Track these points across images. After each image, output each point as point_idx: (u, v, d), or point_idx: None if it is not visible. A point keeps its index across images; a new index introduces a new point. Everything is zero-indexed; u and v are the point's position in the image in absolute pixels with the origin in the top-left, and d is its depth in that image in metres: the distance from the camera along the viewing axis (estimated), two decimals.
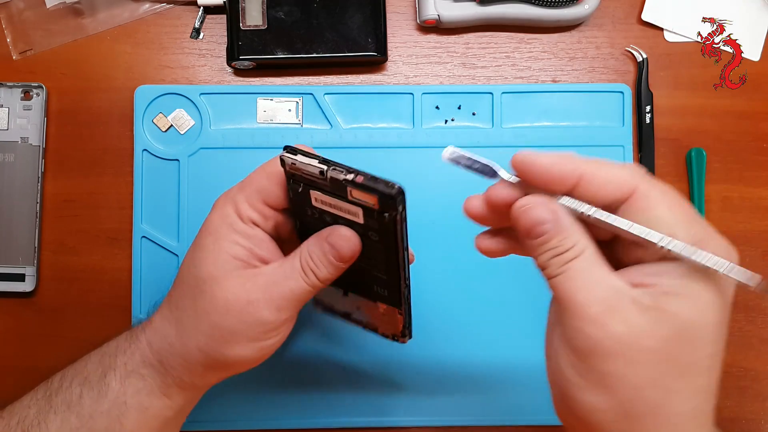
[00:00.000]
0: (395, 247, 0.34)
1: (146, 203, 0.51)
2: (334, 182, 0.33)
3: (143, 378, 0.37)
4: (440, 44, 0.54)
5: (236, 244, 0.35)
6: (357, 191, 0.33)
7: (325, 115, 0.52)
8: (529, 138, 0.52)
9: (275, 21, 0.51)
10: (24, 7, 0.52)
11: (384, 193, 0.32)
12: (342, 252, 0.35)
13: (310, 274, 0.35)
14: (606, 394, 0.28)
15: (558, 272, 0.29)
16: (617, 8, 0.54)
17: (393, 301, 0.38)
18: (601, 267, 0.29)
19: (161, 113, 0.52)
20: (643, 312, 0.27)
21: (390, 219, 0.33)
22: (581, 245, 0.29)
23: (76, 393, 0.37)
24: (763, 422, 0.52)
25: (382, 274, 0.37)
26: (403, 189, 0.32)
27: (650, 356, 0.27)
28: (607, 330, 0.27)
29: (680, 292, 0.27)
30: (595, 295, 0.28)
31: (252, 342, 0.36)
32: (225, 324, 0.35)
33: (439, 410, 0.51)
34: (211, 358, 0.36)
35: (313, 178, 0.33)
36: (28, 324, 0.51)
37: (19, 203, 0.51)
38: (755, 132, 0.54)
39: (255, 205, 0.36)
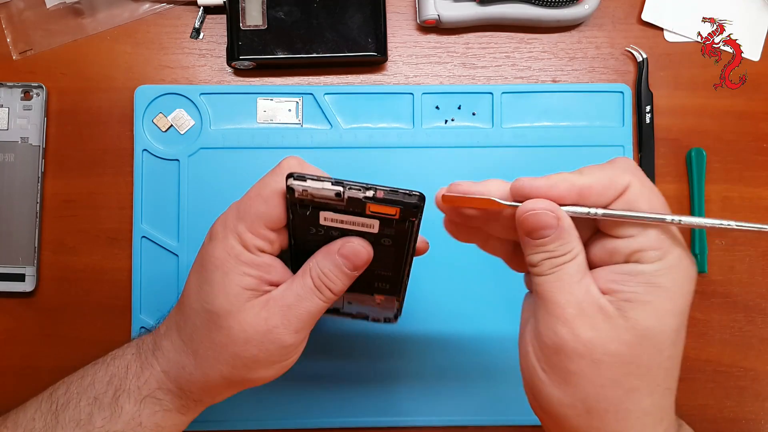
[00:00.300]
0: (407, 247, 0.35)
1: (146, 203, 0.51)
2: (351, 201, 0.33)
3: (160, 402, 0.38)
4: (440, 44, 0.54)
5: (246, 276, 0.35)
6: (377, 206, 0.33)
7: (325, 115, 0.52)
8: (529, 138, 0.52)
9: (275, 21, 0.51)
10: (24, 7, 0.52)
11: (408, 204, 0.32)
12: (357, 263, 0.35)
13: (324, 291, 0.35)
14: (570, 390, 0.30)
15: (547, 272, 0.31)
16: (617, 8, 0.54)
17: (393, 292, 0.39)
18: (585, 273, 0.31)
19: (161, 113, 0.52)
20: (608, 319, 0.30)
21: (409, 225, 0.34)
22: (575, 251, 0.31)
23: (86, 412, 0.37)
24: (763, 422, 0.52)
25: (387, 272, 0.37)
26: (424, 196, 0.32)
27: (613, 359, 0.30)
28: (576, 333, 0.30)
29: (642, 300, 0.30)
30: (573, 299, 0.30)
31: (274, 365, 0.36)
32: (246, 354, 0.35)
33: (439, 410, 0.51)
34: (234, 382, 0.37)
35: (327, 200, 0.33)
36: (28, 324, 0.51)
37: (19, 203, 0.51)
38: (755, 132, 0.54)
39: (258, 232, 0.35)
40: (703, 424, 0.52)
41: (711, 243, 0.52)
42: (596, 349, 0.30)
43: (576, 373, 0.30)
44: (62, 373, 0.41)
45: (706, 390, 0.52)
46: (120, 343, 0.41)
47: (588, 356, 0.30)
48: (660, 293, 0.29)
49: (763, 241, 0.53)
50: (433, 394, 0.51)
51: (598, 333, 0.30)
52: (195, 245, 0.51)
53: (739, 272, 0.53)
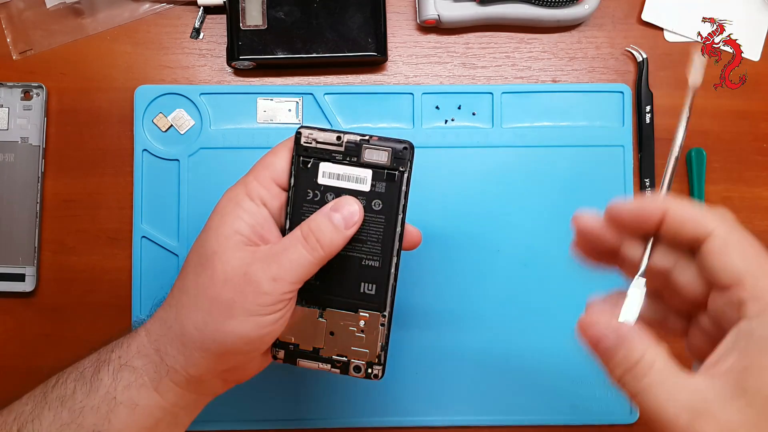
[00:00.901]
0: (397, 211, 0.37)
1: (146, 203, 0.51)
2: (349, 145, 0.36)
3: (135, 370, 0.37)
4: (440, 44, 0.54)
5: (240, 219, 0.36)
6: (371, 149, 0.36)
7: (325, 115, 0.52)
8: (529, 138, 0.52)
9: (275, 21, 0.51)
10: (24, 7, 0.52)
11: (396, 147, 0.36)
12: (348, 216, 0.35)
13: (311, 239, 0.35)
14: None
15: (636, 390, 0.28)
16: (617, 8, 0.54)
17: (379, 301, 0.38)
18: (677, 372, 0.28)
19: (161, 113, 0.52)
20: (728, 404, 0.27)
21: (399, 176, 0.36)
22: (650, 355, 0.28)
23: (70, 388, 0.37)
24: None
25: (374, 260, 0.37)
26: (413, 144, 0.36)
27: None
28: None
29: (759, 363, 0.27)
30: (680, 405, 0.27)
31: (249, 315, 0.34)
32: (223, 296, 0.35)
33: (439, 410, 0.51)
34: (208, 338, 0.35)
35: (328, 145, 0.37)
36: (28, 324, 0.51)
37: (19, 203, 0.51)
38: (755, 132, 0.54)
39: (263, 181, 0.36)
40: None
41: None
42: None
43: None
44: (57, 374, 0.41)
45: None
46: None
47: None
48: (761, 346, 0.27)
49: (763, 241, 0.53)
50: (434, 394, 0.51)
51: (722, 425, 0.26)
52: None
53: None
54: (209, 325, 0.35)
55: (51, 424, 0.36)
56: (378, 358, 0.38)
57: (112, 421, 0.36)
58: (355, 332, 0.38)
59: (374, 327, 0.38)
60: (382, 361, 0.39)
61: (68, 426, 0.36)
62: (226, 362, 0.37)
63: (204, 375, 0.37)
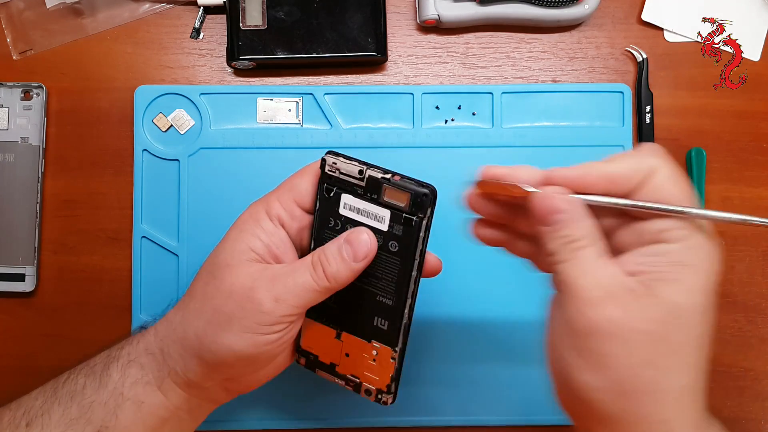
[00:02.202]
0: (413, 256, 0.35)
1: (146, 203, 0.51)
2: (370, 181, 0.35)
3: (142, 367, 0.37)
4: (440, 44, 0.54)
5: (256, 238, 0.36)
6: (391, 190, 0.34)
7: (325, 115, 0.52)
8: (529, 138, 0.52)
9: (275, 21, 0.51)
10: (24, 7, 0.52)
11: (417, 192, 0.34)
12: (357, 249, 0.35)
13: (318, 268, 0.35)
14: (603, 373, 0.30)
15: (566, 258, 0.31)
16: (617, 8, 0.54)
17: (391, 337, 0.38)
18: (605, 257, 0.31)
19: (161, 113, 0.52)
20: (637, 298, 0.30)
21: (417, 222, 0.34)
22: (592, 237, 0.31)
23: (80, 383, 0.38)
24: (763, 422, 0.52)
25: (388, 298, 0.37)
26: (435, 190, 0.34)
27: (644, 337, 0.29)
28: (606, 313, 0.30)
29: (669, 278, 0.30)
30: (597, 281, 0.30)
31: (246, 332, 0.35)
32: (225, 308, 0.35)
33: (439, 410, 0.51)
34: (205, 346, 0.36)
35: (350, 178, 0.35)
36: (28, 324, 0.51)
37: (19, 203, 0.51)
38: (755, 132, 0.54)
39: (285, 202, 0.37)
40: None
41: None
42: (627, 328, 0.29)
43: (609, 355, 0.30)
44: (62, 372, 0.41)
45: (706, 390, 0.52)
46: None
47: (619, 336, 0.29)
48: (687, 270, 0.30)
49: (763, 241, 0.53)
50: (434, 394, 0.51)
51: (627, 312, 0.29)
52: (195, 245, 0.51)
53: (739, 272, 0.53)
54: (207, 335, 0.35)
55: (60, 419, 0.37)
56: (388, 388, 0.38)
57: (119, 417, 0.37)
58: (368, 359, 0.38)
59: (385, 360, 0.38)
60: (392, 390, 0.38)
61: (77, 421, 0.37)
62: (222, 373, 0.37)
63: (202, 382, 0.37)
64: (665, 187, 0.31)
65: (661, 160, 0.32)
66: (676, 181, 0.31)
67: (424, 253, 0.35)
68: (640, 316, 0.29)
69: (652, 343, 0.30)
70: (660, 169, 0.31)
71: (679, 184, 0.31)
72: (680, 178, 0.32)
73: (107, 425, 0.36)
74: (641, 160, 0.32)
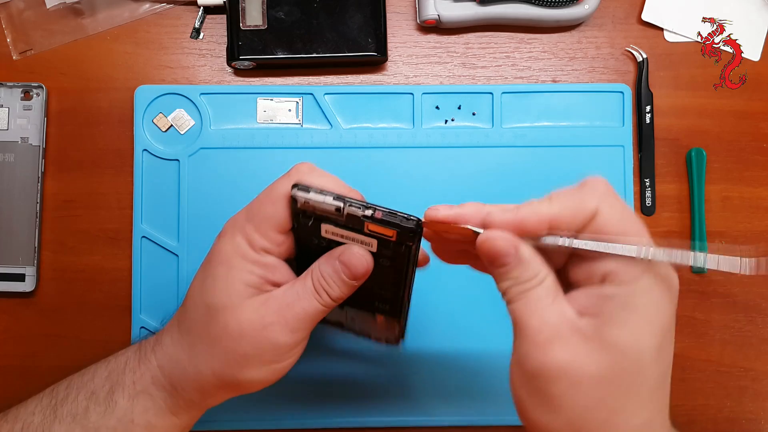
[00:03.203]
0: (406, 270, 0.35)
1: (146, 203, 0.51)
2: (350, 218, 0.33)
3: (152, 398, 0.38)
4: (440, 44, 0.54)
5: (250, 273, 0.35)
6: (375, 225, 0.33)
7: (325, 115, 0.52)
8: (529, 138, 0.52)
9: (275, 21, 0.51)
10: (24, 7, 0.52)
11: (404, 227, 0.32)
12: (355, 271, 0.35)
13: (322, 294, 0.35)
14: (555, 413, 0.30)
15: (516, 298, 0.31)
16: (617, 8, 0.54)
17: (393, 314, 0.39)
18: (556, 296, 0.31)
19: (161, 113, 0.52)
20: (586, 341, 0.29)
21: (406, 249, 0.34)
22: (541, 276, 0.31)
23: (83, 406, 0.38)
24: (763, 422, 0.52)
25: (386, 292, 0.37)
26: (421, 222, 0.33)
27: (593, 380, 0.29)
28: (554, 356, 0.30)
29: (617, 321, 0.29)
30: (545, 323, 0.30)
31: (266, 365, 0.36)
32: (239, 349, 0.35)
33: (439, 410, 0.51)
34: (225, 381, 0.36)
35: (328, 214, 0.34)
36: (28, 324, 0.51)
37: (19, 203, 0.51)
38: (755, 132, 0.54)
39: (266, 233, 0.35)
40: (703, 424, 0.52)
41: (711, 243, 0.52)
42: (575, 371, 0.29)
43: (558, 396, 0.30)
44: (62, 372, 0.41)
45: (706, 390, 0.52)
46: (120, 343, 0.41)
47: (568, 379, 0.29)
48: (635, 314, 0.29)
49: (763, 241, 0.53)
50: (434, 394, 0.51)
51: (575, 355, 0.29)
52: (195, 245, 0.51)
53: None
54: (226, 375, 0.36)
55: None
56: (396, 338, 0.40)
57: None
58: (373, 322, 0.40)
59: (390, 325, 0.40)
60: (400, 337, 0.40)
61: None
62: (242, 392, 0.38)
63: (220, 400, 0.39)
64: (610, 226, 0.30)
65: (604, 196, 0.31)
66: (621, 218, 0.30)
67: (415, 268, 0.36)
68: (588, 359, 0.29)
69: (602, 385, 0.29)
70: (602, 207, 0.30)
71: (625, 220, 0.30)
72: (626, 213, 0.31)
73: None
74: (582, 200, 0.31)
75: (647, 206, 0.53)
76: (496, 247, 0.31)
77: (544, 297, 0.31)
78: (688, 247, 0.30)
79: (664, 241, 0.30)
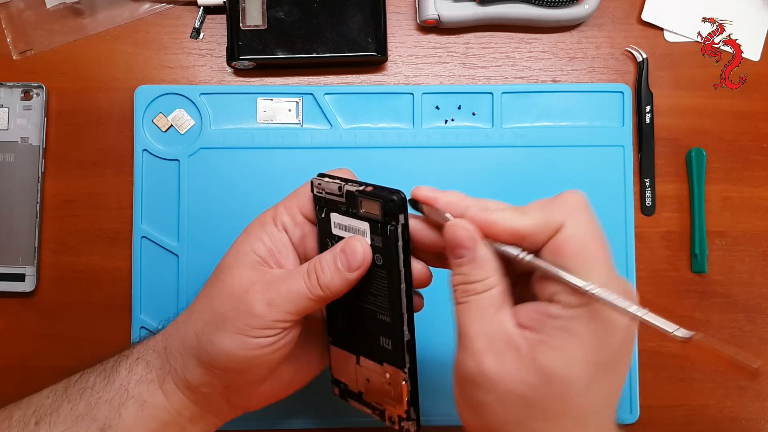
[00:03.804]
0: (397, 268, 0.34)
1: (146, 203, 0.51)
2: (348, 196, 0.34)
3: (147, 365, 0.38)
4: (440, 44, 0.54)
5: (260, 241, 0.36)
6: (366, 201, 0.33)
7: (325, 115, 0.52)
8: (529, 138, 0.52)
9: (275, 21, 0.51)
10: (24, 7, 0.52)
11: (386, 198, 0.33)
12: (351, 259, 0.34)
13: (312, 276, 0.35)
14: (478, 418, 0.31)
15: (462, 301, 0.31)
16: (617, 8, 0.54)
17: (396, 357, 0.36)
18: (500, 308, 0.31)
19: (161, 113, 0.52)
20: (518, 358, 0.29)
21: (392, 231, 0.33)
22: (489, 282, 0.31)
23: (91, 381, 0.38)
24: (763, 422, 0.52)
25: (386, 315, 0.36)
26: (404, 196, 0.33)
27: (516, 399, 0.29)
28: (485, 367, 0.30)
29: (552, 344, 0.29)
30: (483, 332, 0.30)
31: (237, 334, 0.35)
32: (221, 309, 0.35)
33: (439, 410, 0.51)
34: (201, 346, 0.36)
35: (333, 196, 0.35)
36: (28, 324, 0.51)
37: (19, 203, 0.51)
38: (755, 132, 0.54)
39: (289, 209, 0.37)
40: (703, 424, 0.52)
41: (711, 243, 0.52)
42: (502, 386, 0.29)
43: (483, 404, 0.30)
44: (62, 372, 0.41)
45: (706, 390, 0.52)
46: (120, 343, 0.42)
47: (494, 392, 0.30)
48: (571, 340, 0.29)
49: (763, 241, 0.53)
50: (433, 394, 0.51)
51: (504, 371, 0.29)
52: (195, 245, 0.51)
53: (739, 272, 0.53)
54: (204, 334, 0.36)
55: (68, 415, 0.37)
56: (407, 414, 0.37)
57: (122, 416, 0.37)
58: (385, 383, 0.37)
59: (398, 383, 0.36)
60: (412, 416, 0.37)
61: (83, 417, 0.37)
62: (217, 377, 0.37)
63: (200, 386, 0.37)
64: (570, 242, 0.29)
65: (572, 210, 0.30)
66: (583, 235, 0.30)
67: (409, 264, 0.34)
68: (516, 377, 0.29)
69: (525, 405, 0.29)
70: (567, 222, 0.30)
71: (586, 238, 0.30)
72: (590, 232, 0.30)
73: (110, 424, 0.37)
74: (550, 213, 0.30)
75: (647, 206, 0.53)
76: (456, 236, 0.31)
77: (487, 307, 0.31)
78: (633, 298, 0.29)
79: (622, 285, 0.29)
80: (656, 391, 0.52)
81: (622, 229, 0.52)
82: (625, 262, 0.52)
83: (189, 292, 0.50)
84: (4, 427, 0.37)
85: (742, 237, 0.53)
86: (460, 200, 0.32)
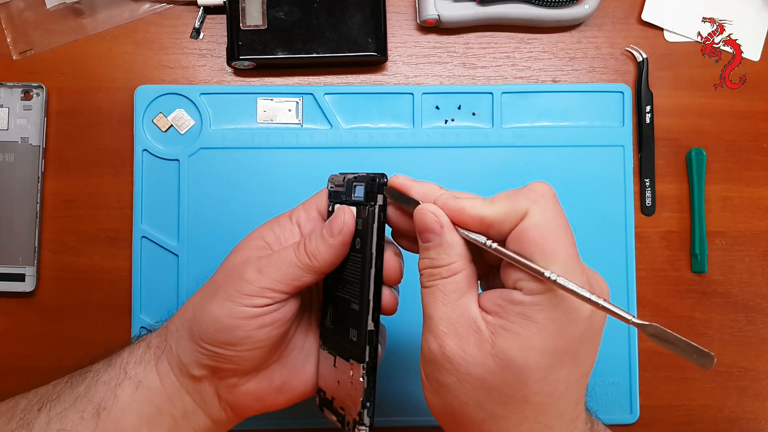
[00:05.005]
0: (370, 249, 0.34)
1: (146, 203, 0.51)
2: (347, 185, 0.35)
3: (148, 345, 0.39)
4: (440, 44, 0.54)
5: (270, 230, 0.38)
6: (357, 186, 0.35)
7: (325, 115, 0.52)
8: (529, 138, 0.52)
9: (275, 21, 0.51)
10: (24, 7, 0.52)
11: (368, 179, 0.34)
12: (333, 224, 0.35)
13: (300, 246, 0.36)
14: (441, 400, 0.32)
15: (428, 285, 0.32)
16: (617, 8, 0.54)
17: (359, 350, 0.34)
18: (465, 293, 0.32)
19: (161, 113, 0.52)
20: (479, 342, 0.30)
21: (370, 211, 0.34)
22: (455, 267, 0.32)
23: (95, 366, 0.39)
24: (763, 422, 0.52)
25: (356, 303, 0.35)
26: (385, 176, 0.34)
27: (476, 382, 0.30)
28: (447, 349, 0.31)
29: (512, 330, 0.30)
30: (446, 316, 0.31)
31: (226, 300, 0.35)
32: (218, 280, 0.37)
33: None
34: (194, 318, 0.37)
35: (339, 187, 0.36)
36: (28, 324, 0.51)
37: (19, 203, 0.51)
38: (755, 132, 0.54)
39: (308, 207, 0.38)
40: (703, 424, 0.52)
41: (711, 243, 0.52)
42: (461, 368, 0.30)
43: (445, 386, 0.31)
44: (62, 372, 0.41)
45: (706, 390, 0.52)
46: (120, 343, 0.41)
47: (454, 373, 0.30)
48: (531, 327, 0.29)
49: (763, 241, 0.53)
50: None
51: (465, 353, 0.30)
52: (195, 245, 0.51)
53: (739, 272, 0.53)
54: (199, 305, 0.37)
55: (67, 398, 0.38)
56: (359, 416, 0.34)
57: (117, 396, 0.37)
58: (349, 382, 0.35)
59: (356, 380, 0.34)
60: (363, 420, 0.34)
61: (81, 399, 0.37)
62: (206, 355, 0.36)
63: (191, 366, 0.37)
64: (532, 230, 0.30)
65: (538, 199, 0.30)
66: (546, 223, 0.30)
67: (381, 250, 0.34)
68: (476, 360, 0.30)
69: (484, 389, 0.30)
70: (532, 210, 0.30)
71: (548, 225, 0.30)
72: (553, 220, 0.30)
73: (105, 405, 0.37)
74: (516, 201, 0.30)
75: (647, 206, 0.53)
76: (424, 220, 0.32)
77: (451, 292, 0.31)
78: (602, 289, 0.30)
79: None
80: (656, 391, 0.52)
81: (622, 229, 0.52)
82: (625, 262, 0.52)
83: (189, 292, 0.50)
84: (10, 414, 0.38)
85: (742, 237, 0.53)
86: (434, 190, 0.33)
